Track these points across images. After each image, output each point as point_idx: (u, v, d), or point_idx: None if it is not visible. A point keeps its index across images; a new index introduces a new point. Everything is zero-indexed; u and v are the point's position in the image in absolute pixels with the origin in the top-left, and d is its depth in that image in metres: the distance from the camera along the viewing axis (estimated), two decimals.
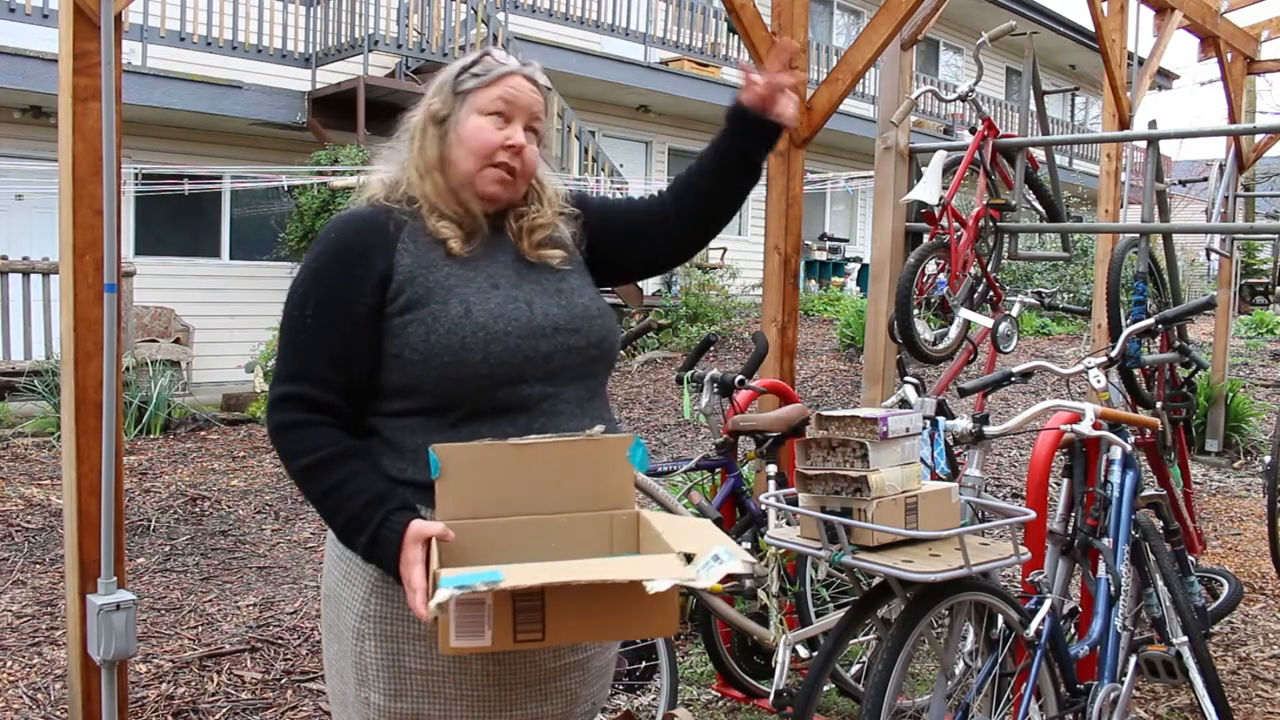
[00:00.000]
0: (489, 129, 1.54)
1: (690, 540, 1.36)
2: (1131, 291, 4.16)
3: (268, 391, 1.52)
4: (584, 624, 1.29)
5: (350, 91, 9.58)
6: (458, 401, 1.48)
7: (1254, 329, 12.23)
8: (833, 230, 16.79)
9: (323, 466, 1.44)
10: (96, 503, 2.46)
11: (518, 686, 1.51)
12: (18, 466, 5.97)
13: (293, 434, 1.47)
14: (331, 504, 1.44)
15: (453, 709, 1.50)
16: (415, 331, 1.47)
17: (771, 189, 3.73)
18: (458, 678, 1.49)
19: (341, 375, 1.48)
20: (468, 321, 1.47)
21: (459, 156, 1.55)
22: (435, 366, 1.46)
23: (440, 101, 1.58)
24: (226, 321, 10.04)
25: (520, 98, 1.56)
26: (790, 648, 2.81)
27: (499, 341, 1.48)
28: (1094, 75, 14.12)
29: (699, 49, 13.24)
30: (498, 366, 1.48)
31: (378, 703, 1.51)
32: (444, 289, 1.50)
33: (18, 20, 8.30)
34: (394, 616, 1.49)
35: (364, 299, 1.48)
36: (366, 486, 1.43)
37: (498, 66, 1.57)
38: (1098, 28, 5.42)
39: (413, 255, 1.52)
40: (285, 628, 3.80)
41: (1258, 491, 6.16)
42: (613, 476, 1.47)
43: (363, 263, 1.50)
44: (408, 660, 1.49)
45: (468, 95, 1.56)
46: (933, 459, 2.55)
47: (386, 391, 1.51)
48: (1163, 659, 2.74)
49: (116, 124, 2.42)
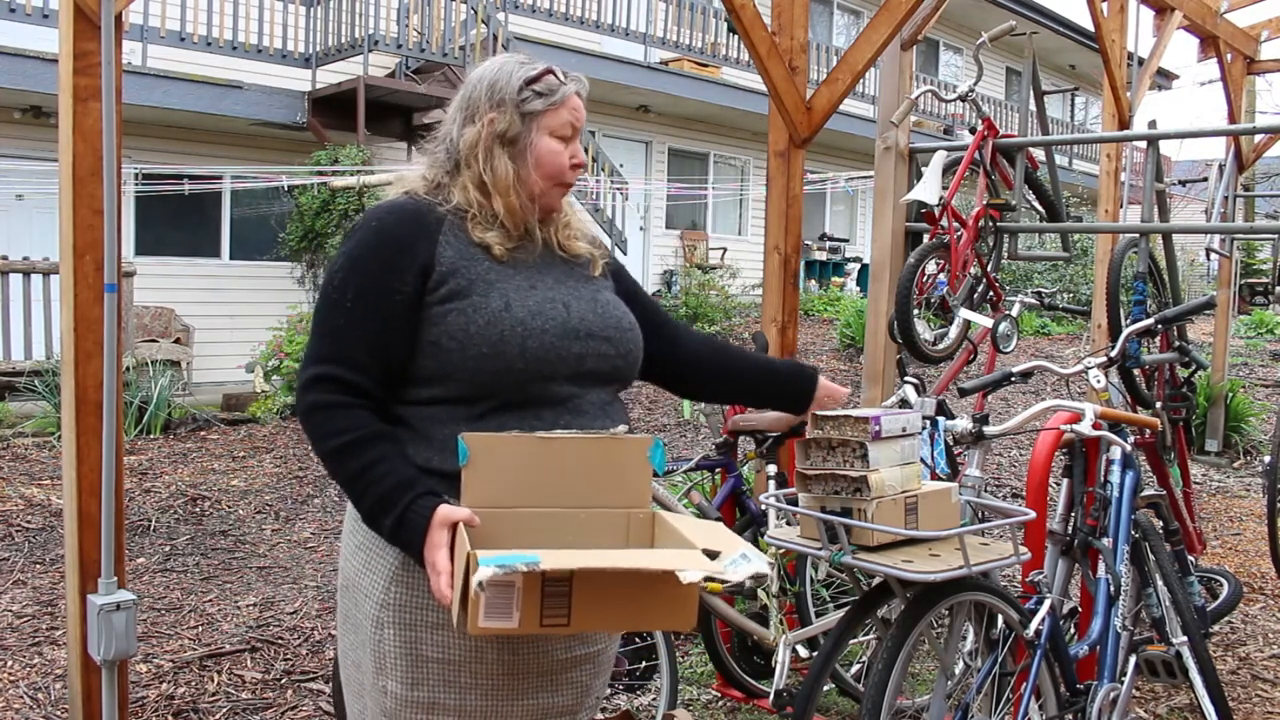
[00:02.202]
0: (561, 151, 1.62)
1: (709, 540, 1.40)
2: (1131, 291, 4.16)
3: (298, 374, 1.55)
4: (608, 613, 1.33)
5: (350, 91, 9.58)
6: (489, 392, 1.53)
7: (1254, 329, 12.24)
8: (833, 230, 16.79)
9: (354, 448, 1.47)
10: (97, 503, 2.46)
11: (530, 676, 1.54)
12: (18, 466, 5.97)
13: (326, 414, 1.49)
14: (361, 485, 1.47)
15: (467, 697, 1.52)
16: (455, 320, 1.51)
17: (771, 189, 3.73)
18: (473, 667, 1.52)
19: (376, 361, 1.51)
20: (507, 315, 1.52)
21: (531, 177, 1.61)
22: (472, 356, 1.50)
23: (505, 121, 1.59)
24: (226, 321, 10.04)
25: (581, 116, 1.65)
26: (790, 648, 2.81)
27: (535, 338, 1.53)
28: (1094, 75, 14.11)
29: (699, 49, 13.23)
30: (532, 362, 1.52)
31: (395, 691, 1.53)
32: (485, 283, 1.54)
33: (18, 20, 8.30)
34: (413, 605, 1.52)
35: (405, 287, 1.52)
36: (396, 469, 1.46)
37: (562, 87, 1.62)
38: (1097, 28, 5.42)
39: (454, 249, 1.56)
40: (285, 628, 3.80)
41: (1257, 491, 6.16)
42: (632, 475, 1.51)
43: (404, 252, 1.54)
44: (425, 649, 1.52)
45: (537, 116, 1.60)
46: (933, 459, 2.55)
47: (418, 378, 1.54)
48: (1162, 659, 2.74)
49: (117, 124, 2.42)
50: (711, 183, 14.68)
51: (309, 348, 1.54)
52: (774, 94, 3.59)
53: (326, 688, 3.30)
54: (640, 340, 1.72)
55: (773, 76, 3.55)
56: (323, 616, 3.94)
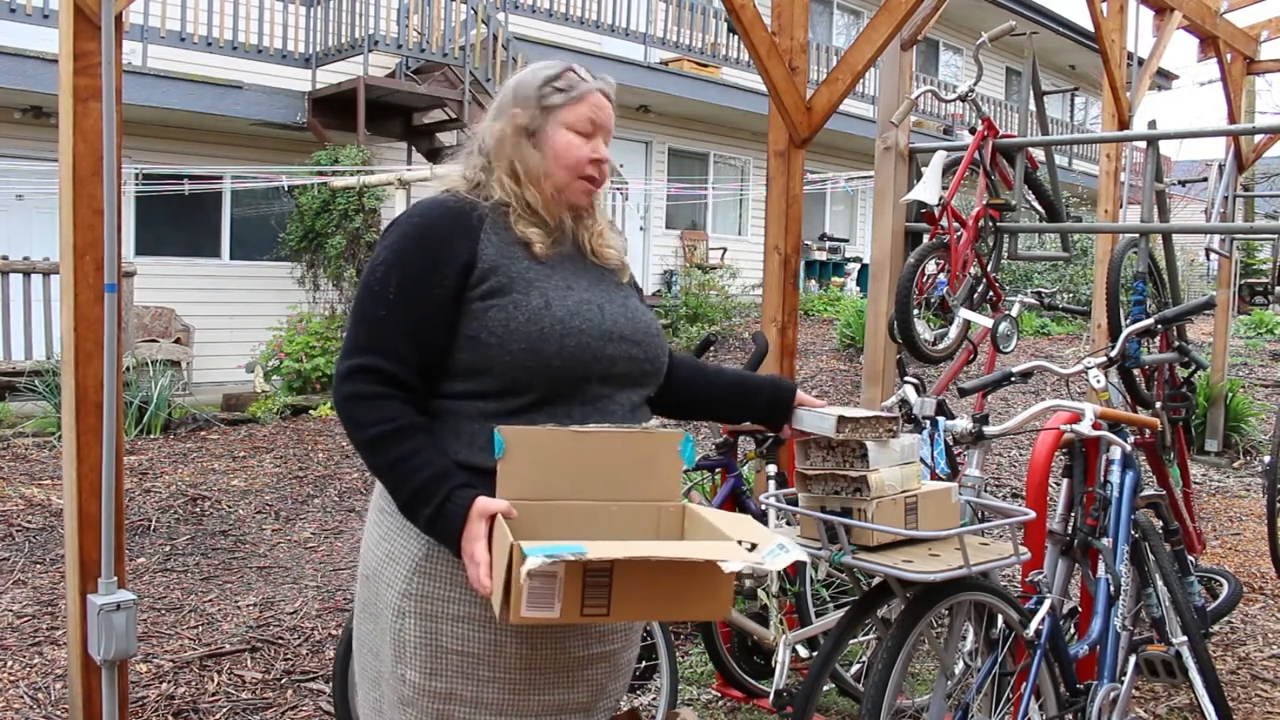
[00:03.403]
0: (579, 144, 1.64)
1: (742, 532, 1.43)
2: (1131, 291, 4.16)
3: (337, 364, 1.59)
4: (646, 603, 1.36)
5: (350, 91, 9.58)
6: (524, 388, 1.56)
7: (1253, 329, 12.24)
8: (833, 230, 16.79)
9: (393, 438, 1.50)
10: (97, 503, 2.46)
11: (548, 672, 1.57)
12: (18, 466, 5.97)
13: (365, 404, 1.52)
14: (398, 475, 1.49)
15: (485, 690, 1.55)
16: (496, 316, 1.54)
17: (771, 189, 3.73)
18: (492, 660, 1.55)
19: (416, 353, 1.54)
20: (547, 314, 1.55)
21: (551, 169, 1.64)
22: (511, 351, 1.53)
23: (526, 115, 1.65)
24: (226, 321, 10.04)
25: (602, 114, 1.67)
26: (790, 648, 2.81)
27: (574, 336, 1.56)
28: (1094, 75, 14.12)
29: (699, 49, 13.23)
30: (569, 360, 1.56)
31: (413, 680, 1.56)
32: (525, 281, 1.58)
33: (18, 20, 8.30)
34: (435, 596, 1.55)
35: (446, 282, 1.55)
36: (434, 460, 1.49)
37: (582, 84, 1.66)
38: (1097, 28, 5.42)
39: (495, 247, 1.60)
40: (285, 628, 3.81)
41: (1257, 491, 6.17)
42: (663, 469, 1.54)
43: (446, 248, 1.57)
44: (445, 640, 1.55)
45: (556, 110, 1.64)
46: (933, 459, 2.55)
47: (455, 372, 1.57)
48: (1162, 659, 2.74)
49: (117, 124, 2.42)
50: (711, 183, 14.69)
51: (348, 339, 1.57)
52: (774, 94, 3.59)
53: (327, 688, 3.30)
54: (665, 348, 1.75)
55: (773, 76, 3.55)
56: (322, 616, 3.94)
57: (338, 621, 3.88)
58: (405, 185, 8.13)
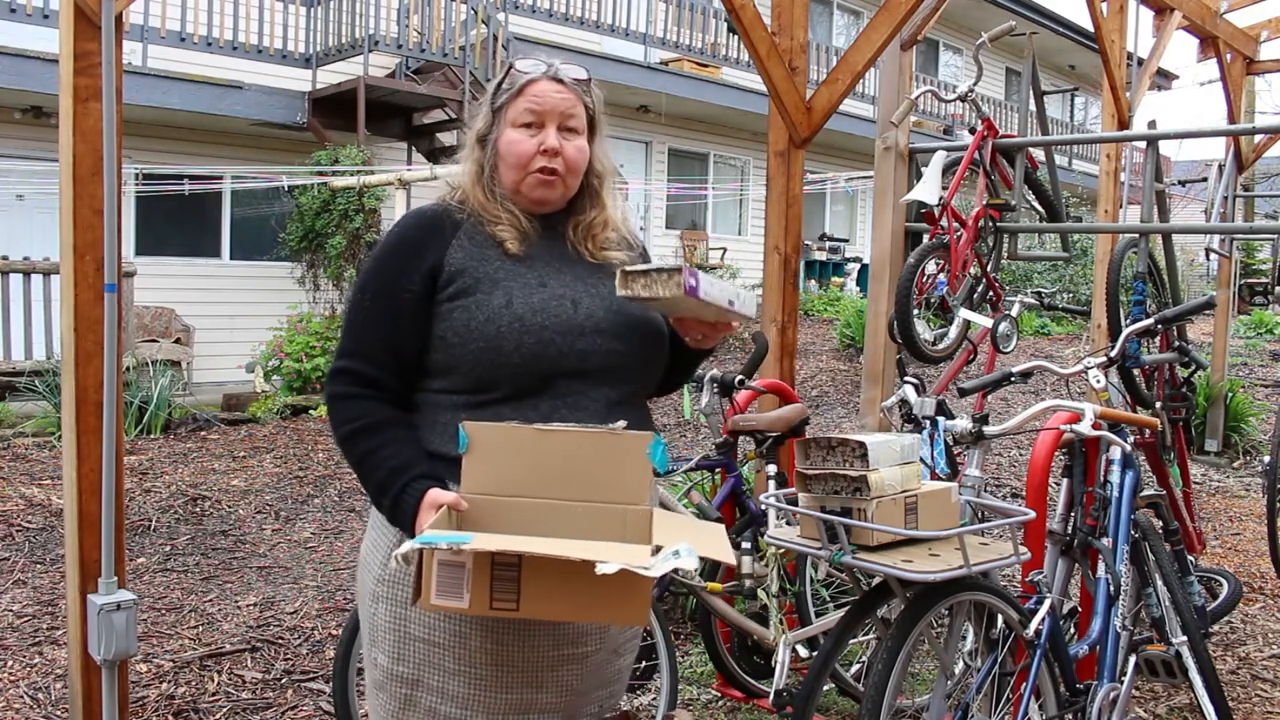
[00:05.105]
0: (522, 140, 1.65)
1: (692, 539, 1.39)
2: (1131, 291, 4.16)
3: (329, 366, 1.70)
4: (557, 601, 1.37)
5: (350, 92, 9.58)
6: (490, 385, 1.60)
7: (1253, 329, 12.24)
8: (833, 230, 16.79)
9: (363, 434, 1.59)
10: (97, 503, 2.46)
11: (515, 670, 1.59)
12: (18, 466, 5.97)
13: (342, 404, 1.62)
14: (366, 468, 1.59)
15: (450, 682, 1.59)
16: (459, 317, 1.60)
17: (771, 189, 3.73)
18: (457, 651, 1.58)
19: (391, 356, 1.62)
20: (507, 312, 1.59)
21: (502, 170, 1.68)
22: (471, 350, 1.58)
23: (483, 122, 1.71)
24: (227, 321, 10.04)
25: (546, 101, 1.65)
26: (790, 647, 2.81)
27: (533, 334, 1.59)
28: (1094, 75, 14.12)
29: (699, 49, 13.23)
30: (528, 357, 1.58)
31: (383, 664, 1.63)
32: (491, 281, 1.62)
33: (18, 20, 8.30)
34: (405, 583, 1.59)
35: (413, 287, 1.62)
36: (395, 455, 1.57)
37: (520, 77, 1.67)
38: (1097, 28, 5.42)
39: (465, 250, 1.65)
40: (285, 628, 3.81)
41: (1257, 491, 6.17)
42: (630, 472, 1.53)
43: (415, 256, 1.64)
44: (412, 627, 1.60)
45: (502, 111, 1.68)
46: (933, 459, 2.55)
47: (431, 370, 1.64)
48: (1162, 659, 2.74)
49: (117, 124, 2.42)
50: (711, 183, 14.69)
51: (338, 344, 1.68)
52: (774, 94, 3.59)
53: (327, 688, 3.30)
54: (663, 342, 1.74)
55: (773, 77, 3.55)
56: (323, 616, 3.94)
57: (338, 621, 3.88)
58: (405, 185, 8.13)
